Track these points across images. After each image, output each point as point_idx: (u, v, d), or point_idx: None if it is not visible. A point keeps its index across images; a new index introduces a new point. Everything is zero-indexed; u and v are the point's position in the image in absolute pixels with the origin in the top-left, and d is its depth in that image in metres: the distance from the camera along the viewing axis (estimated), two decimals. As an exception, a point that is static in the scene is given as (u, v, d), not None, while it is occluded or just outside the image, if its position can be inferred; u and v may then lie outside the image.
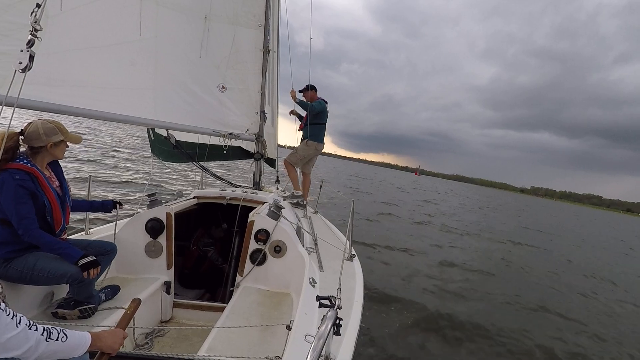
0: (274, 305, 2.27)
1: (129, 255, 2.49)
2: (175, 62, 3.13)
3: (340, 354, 1.57)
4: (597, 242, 18.73)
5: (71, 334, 1.04)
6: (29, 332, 0.92)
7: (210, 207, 3.26)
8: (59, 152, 1.91)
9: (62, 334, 1.01)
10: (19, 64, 1.32)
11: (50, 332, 0.98)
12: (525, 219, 25.50)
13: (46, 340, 0.95)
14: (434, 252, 8.60)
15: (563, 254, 12.07)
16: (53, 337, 0.98)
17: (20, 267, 1.70)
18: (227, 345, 1.73)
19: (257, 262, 2.50)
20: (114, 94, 2.66)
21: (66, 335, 1.02)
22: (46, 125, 1.81)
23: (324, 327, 1.17)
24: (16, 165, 1.69)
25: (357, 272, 2.71)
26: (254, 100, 3.90)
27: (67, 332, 1.03)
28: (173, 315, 2.59)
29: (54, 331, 0.99)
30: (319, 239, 3.22)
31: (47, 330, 0.97)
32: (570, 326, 5.26)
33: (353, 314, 2.04)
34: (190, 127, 3.34)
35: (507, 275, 7.72)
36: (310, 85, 5.06)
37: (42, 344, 0.94)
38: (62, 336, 1.00)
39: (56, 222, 1.84)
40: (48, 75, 2.23)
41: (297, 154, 5.10)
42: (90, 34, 2.45)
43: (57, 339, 0.98)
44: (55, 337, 0.98)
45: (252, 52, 3.74)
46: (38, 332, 0.94)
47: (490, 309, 5.39)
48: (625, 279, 9.68)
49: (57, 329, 1.01)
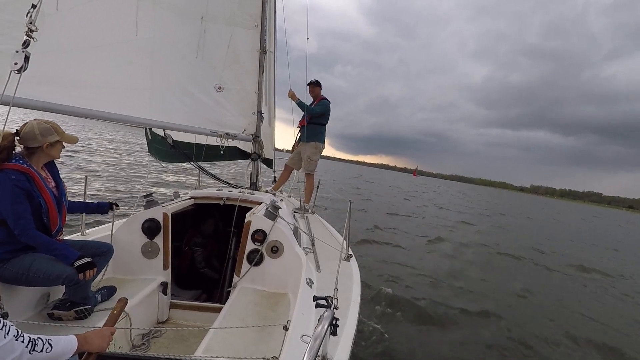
0: (271, 305, 2.27)
1: (126, 255, 2.48)
2: (172, 62, 3.12)
3: (337, 354, 1.58)
4: (631, 247, 17.47)
5: (56, 342, 1.05)
6: (15, 343, 0.92)
7: (207, 208, 3.25)
8: (55, 152, 1.90)
9: (47, 345, 1.01)
10: (14, 65, 1.31)
11: (35, 343, 0.98)
12: (546, 225, 22.96)
13: (30, 353, 0.96)
14: (441, 259, 8.25)
15: (623, 266, 10.87)
16: (37, 349, 0.98)
17: (15, 268, 1.69)
18: (224, 345, 1.73)
19: (254, 262, 2.50)
20: (110, 93, 2.65)
21: (51, 346, 1.03)
22: (42, 125, 1.80)
23: (320, 328, 1.17)
24: (12, 166, 1.68)
25: (354, 272, 2.72)
26: (250, 100, 3.90)
27: (52, 342, 1.04)
28: (170, 316, 2.58)
29: (39, 342, 1.00)
30: (316, 239, 3.22)
31: (32, 341, 0.98)
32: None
33: (350, 314, 2.04)
34: (187, 127, 3.33)
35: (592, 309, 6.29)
36: (316, 81, 4.95)
37: (25, 356, 0.95)
38: (47, 347, 1.01)
39: (52, 223, 1.83)
40: (44, 74, 2.21)
41: (312, 161, 4.94)
42: (86, 34, 2.44)
43: (41, 350, 0.99)
44: (39, 349, 0.99)
45: (249, 53, 3.74)
46: (23, 343, 0.95)
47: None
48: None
49: (43, 339, 1.02)
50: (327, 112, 4.93)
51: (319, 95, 4.97)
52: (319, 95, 4.96)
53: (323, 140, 5.01)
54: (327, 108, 4.89)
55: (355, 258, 3.03)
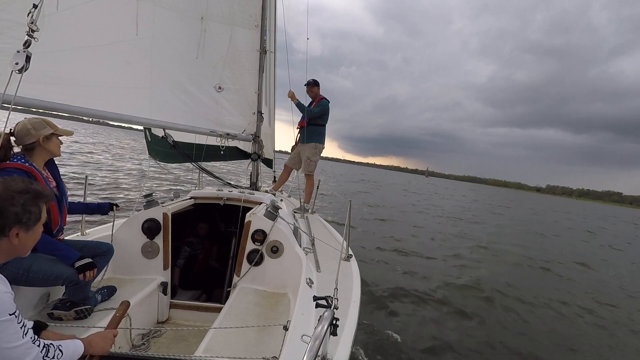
0: (271, 305, 2.27)
1: (126, 255, 2.48)
2: (172, 61, 3.12)
3: (337, 354, 1.58)
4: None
5: (66, 347, 1.07)
6: (31, 345, 0.94)
7: (207, 208, 3.25)
8: (54, 147, 1.89)
9: (57, 352, 1.03)
10: (15, 65, 1.31)
11: (48, 349, 1.00)
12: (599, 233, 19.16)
13: (43, 359, 0.98)
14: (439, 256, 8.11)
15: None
16: (50, 356, 1.00)
17: (15, 269, 1.69)
18: (224, 345, 1.73)
19: (254, 262, 2.50)
20: (110, 93, 2.65)
21: (62, 352, 1.05)
22: (33, 120, 1.80)
23: (320, 328, 1.17)
24: (14, 165, 1.68)
25: (354, 272, 2.72)
26: (250, 100, 3.89)
27: (62, 348, 1.06)
28: (170, 316, 2.58)
29: (51, 348, 1.02)
30: (316, 239, 3.22)
31: (46, 347, 1.00)
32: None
33: (350, 314, 2.04)
34: (187, 127, 3.33)
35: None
36: (314, 81, 4.91)
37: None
38: (58, 353, 1.03)
39: (53, 223, 1.83)
40: (44, 73, 2.22)
41: (311, 161, 4.91)
42: (86, 33, 2.44)
43: (53, 357, 1.01)
44: (52, 355, 1.01)
45: (249, 53, 3.74)
46: (38, 348, 0.97)
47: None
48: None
49: (54, 345, 1.04)
50: (326, 113, 4.88)
51: (318, 95, 4.92)
52: (317, 95, 4.92)
53: (323, 141, 4.97)
54: (326, 108, 4.84)
55: (355, 258, 3.03)
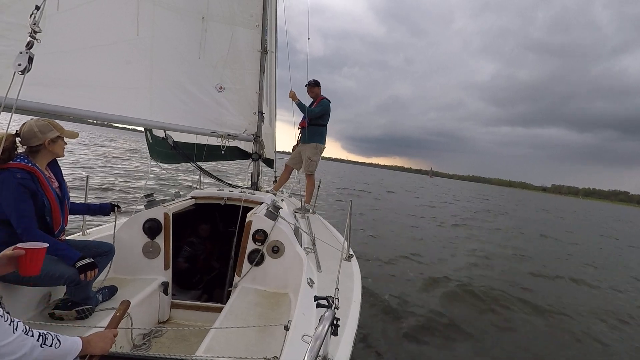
0: (272, 305, 2.27)
1: (127, 255, 2.48)
2: (173, 61, 3.12)
3: (338, 355, 1.58)
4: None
5: (64, 340, 1.06)
6: (25, 337, 0.93)
7: (208, 208, 3.25)
8: (59, 149, 1.90)
9: (55, 340, 1.02)
10: (18, 66, 1.31)
11: (45, 337, 0.99)
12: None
13: (41, 347, 0.97)
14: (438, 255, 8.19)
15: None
16: (47, 343, 0.99)
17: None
18: (224, 345, 1.73)
19: (255, 262, 2.50)
20: (111, 93, 2.65)
21: (59, 342, 1.03)
22: (39, 122, 1.81)
23: (321, 328, 1.17)
24: (17, 165, 1.69)
25: (355, 273, 2.72)
26: (251, 100, 3.90)
27: (60, 338, 1.04)
28: (171, 316, 2.59)
29: (49, 337, 1.01)
30: (317, 239, 3.22)
31: (43, 335, 0.99)
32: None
33: (351, 314, 2.04)
34: (188, 127, 3.33)
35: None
36: (314, 81, 4.90)
37: (36, 350, 0.96)
38: (56, 342, 1.02)
39: (55, 223, 1.83)
40: (44, 75, 2.21)
41: (312, 161, 4.90)
42: (87, 34, 2.44)
43: (51, 345, 1.00)
44: (49, 343, 1.00)
45: (250, 53, 3.75)
46: (34, 337, 0.96)
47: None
48: None
49: (52, 334, 1.03)
50: (326, 113, 4.87)
51: (319, 95, 4.92)
52: (318, 95, 4.92)
53: (323, 141, 4.98)
54: (326, 108, 4.84)
55: (356, 258, 3.03)
